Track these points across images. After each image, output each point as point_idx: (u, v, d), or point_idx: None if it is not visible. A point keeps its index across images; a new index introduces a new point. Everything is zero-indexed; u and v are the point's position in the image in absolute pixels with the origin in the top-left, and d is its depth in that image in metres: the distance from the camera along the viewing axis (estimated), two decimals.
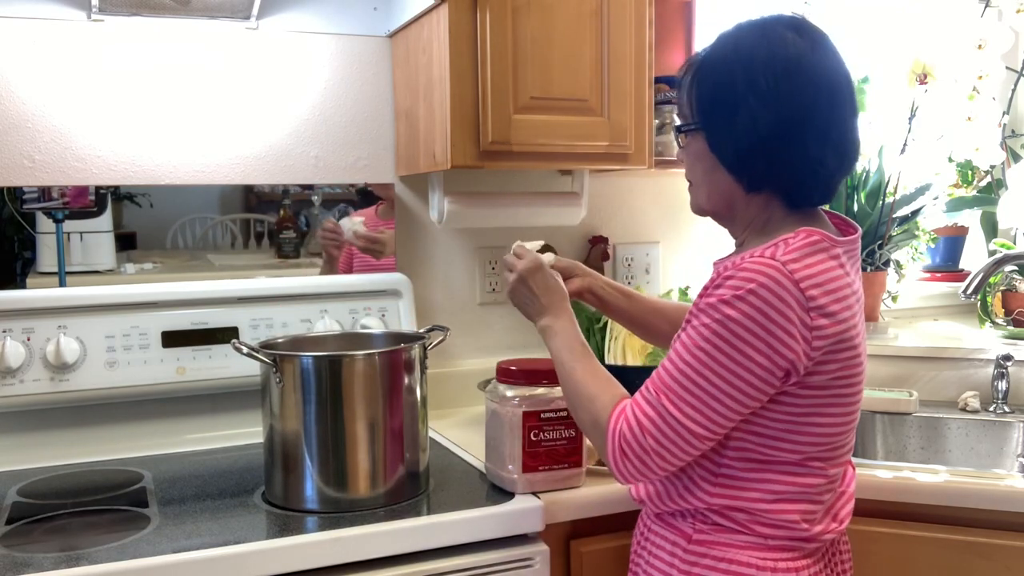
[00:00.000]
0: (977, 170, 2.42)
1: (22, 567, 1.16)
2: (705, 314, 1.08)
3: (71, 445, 1.69)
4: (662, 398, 1.10)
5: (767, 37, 1.12)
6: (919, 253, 2.29)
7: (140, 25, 1.77)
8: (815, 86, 1.11)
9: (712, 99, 1.15)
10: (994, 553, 1.45)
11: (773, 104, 1.10)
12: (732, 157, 1.15)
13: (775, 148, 1.11)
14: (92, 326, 1.67)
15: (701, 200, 1.23)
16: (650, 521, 1.26)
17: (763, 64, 1.10)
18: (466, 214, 1.92)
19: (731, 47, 1.15)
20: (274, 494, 1.41)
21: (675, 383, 1.09)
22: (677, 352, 1.11)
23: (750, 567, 1.15)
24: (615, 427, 1.13)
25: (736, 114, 1.12)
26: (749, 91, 1.10)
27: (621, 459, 1.12)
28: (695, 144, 1.19)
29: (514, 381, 1.42)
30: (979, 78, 2.21)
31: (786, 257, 1.08)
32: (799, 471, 1.14)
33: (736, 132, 1.12)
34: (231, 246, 1.89)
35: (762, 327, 1.06)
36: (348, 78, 1.95)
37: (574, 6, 1.73)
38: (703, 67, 1.17)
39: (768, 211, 1.17)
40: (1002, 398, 1.89)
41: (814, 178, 1.14)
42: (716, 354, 1.07)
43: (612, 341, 1.93)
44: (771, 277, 1.06)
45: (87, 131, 1.75)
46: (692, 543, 1.18)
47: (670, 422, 1.09)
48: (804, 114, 1.11)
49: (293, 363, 1.37)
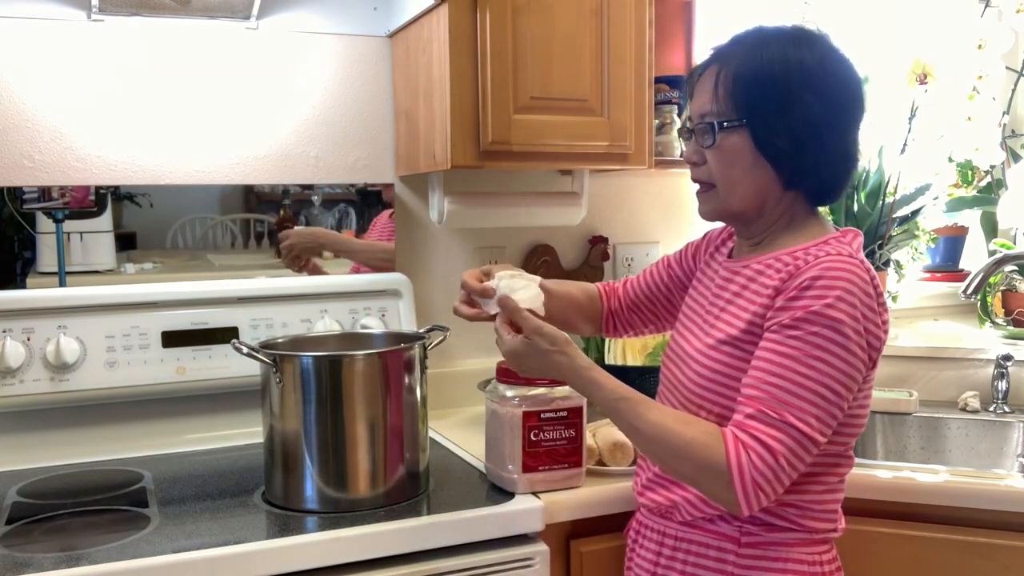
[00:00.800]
0: (977, 170, 2.42)
1: (22, 567, 1.16)
2: (811, 323, 1.06)
3: (71, 445, 1.69)
4: (788, 416, 1.05)
5: (808, 42, 1.16)
6: (919, 253, 2.29)
7: (140, 25, 1.77)
8: (856, 83, 1.18)
9: (761, 95, 1.14)
10: (994, 553, 1.45)
11: (828, 100, 1.13)
12: (779, 151, 1.15)
13: (824, 141, 1.14)
14: (92, 326, 1.67)
15: (732, 201, 1.20)
16: (676, 530, 1.23)
17: (814, 63, 1.14)
18: (466, 214, 1.92)
19: (771, 47, 1.15)
20: (274, 494, 1.41)
21: (797, 398, 1.06)
22: (785, 364, 1.07)
23: (802, 563, 1.17)
24: (739, 463, 1.04)
25: (790, 110, 1.13)
26: (804, 87, 1.13)
27: (756, 493, 1.05)
28: (735, 141, 1.16)
29: (514, 381, 1.42)
30: (979, 78, 2.21)
31: (859, 256, 1.12)
32: (842, 461, 1.19)
33: (788, 126, 1.14)
34: (231, 246, 1.89)
35: (861, 324, 1.08)
36: (348, 78, 1.95)
37: (574, 6, 1.73)
38: (743, 64, 1.16)
39: (792, 210, 1.20)
40: (1002, 398, 1.89)
41: (845, 173, 1.20)
42: (834, 360, 1.06)
43: (612, 341, 1.93)
44: (857, 275, 1.09)
45: (87, 131, 1.75)
46: (743, 546, 1.17)
47: (799, 439, 1.06)
48: (850, 110, 1.16)
49: (293, 363, 1.37)
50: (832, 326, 1.06)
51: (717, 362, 1.17)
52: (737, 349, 1.15)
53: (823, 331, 1.06)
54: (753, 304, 1.15)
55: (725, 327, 1.18)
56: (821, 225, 1.21)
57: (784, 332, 1.08)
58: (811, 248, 1.14)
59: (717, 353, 1.17)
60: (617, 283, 1.52)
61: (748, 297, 1.17)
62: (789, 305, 1.09)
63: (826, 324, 1.06)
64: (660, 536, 1.26)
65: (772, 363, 1.08)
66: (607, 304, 1.50)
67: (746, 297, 1.18)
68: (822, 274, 1.08)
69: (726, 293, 1.22)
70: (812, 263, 1.10)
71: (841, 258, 1.10)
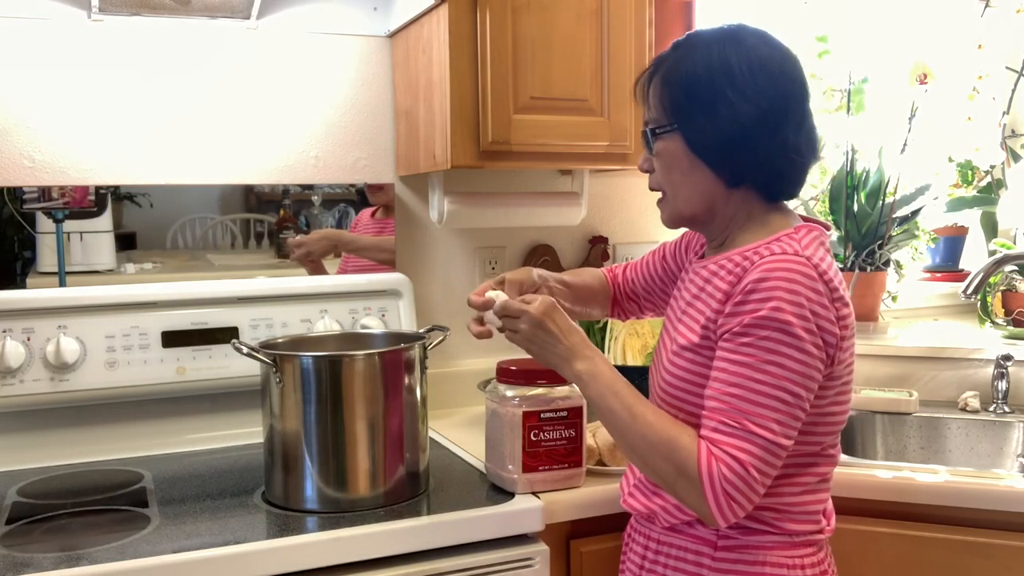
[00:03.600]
0: (977, 170, 2.42)
1: (22, 567, 1.16)
2: (761, 327, 1.06)
3: (71, 445, 1.69)
4: (749, 425, 1.05)
5: (735, 40, 1.16)
6: (919, 253, 2.29)
7: (140, 25, 1.77)
8: (789, 78, 1.16)
9: (688, 97, 1.15)
10: (994, 553, 1.45)
11: (752, 96, 1.13)
12: (714, 151, 1.15)
13: (757, 138, 1.13)
14: (92, 326, 1.67)
15: (679, 205, 1.21)
16: (659, 534, 1.24)
17: (737, 61, 1.14)
18: (466, 214, 1.92)
19: (700, 50, 1.16)
20: (274, 494, 1.41)
21: (756, 405, 1.06)
22: (740, 373, 1.07)
23: (781, 567, 1.16)
24: (711, 472, 1.05)
25: (716, 109, 1.13)
26: (727, 85, 1.13)
27: (728, 503, 1.05)
28: (670, 146, 1.18)
29: (514, 381, 1.42)
30: (979, 78, 2.21)
31: (807, 252, 1.10)
32: (819, 460, 1.18)
33: (718, 126, 1.13)
34: (231, 246, 1.89)
35: (814, 323, 1.07)
36: (348, 78, 1.95)
37: (574, 6, 1.73)
38: (673, 70, 1.17)
39: (747, 206, 1.19)
40: (1002, 398, 1.89)
41: (792, 167, 1.18)
42: (787, 362, 1.06)
43: (612, 341, 1.93)
44: (804, 273, 1.08)
45: (87, 131, 1.75)
46: (720, 550, 1.17)
47: (765, 446, 1.05)
48: (782, 104, 1.14)
49: (293, 363, 1.37)
50: (781, 328, 1.06)
51: (680, 368, 1.17)
52: (697, 355, 1.15)
53: (773, 335, 1.06)
54: (708, 308, 1.15)
55: (686, 332, 1.18)
56: (783, 219, 1.19)
57: (736, 340, 1.08)
58: (761, 246, 1.13)
59: (680, 359, 1.18)
60: (618, 268, 1.53)
61: (704, 300, 1.17)
62: (737, 311, 1.09)
63: (775, 327, 1.06)
64: (645, 540, 1.26)
65: (728, 372, 1.08)
66: (613, 289, 1.52)
67: (703, 300, 1.18)
68: (765, 276, 1.07)
69: (687, 295, 1.23)
70: (756, 264, 1.10)
71: (785, 257, 1.09)
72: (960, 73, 2.18)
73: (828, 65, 2.24)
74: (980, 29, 2.22)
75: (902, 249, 2.22)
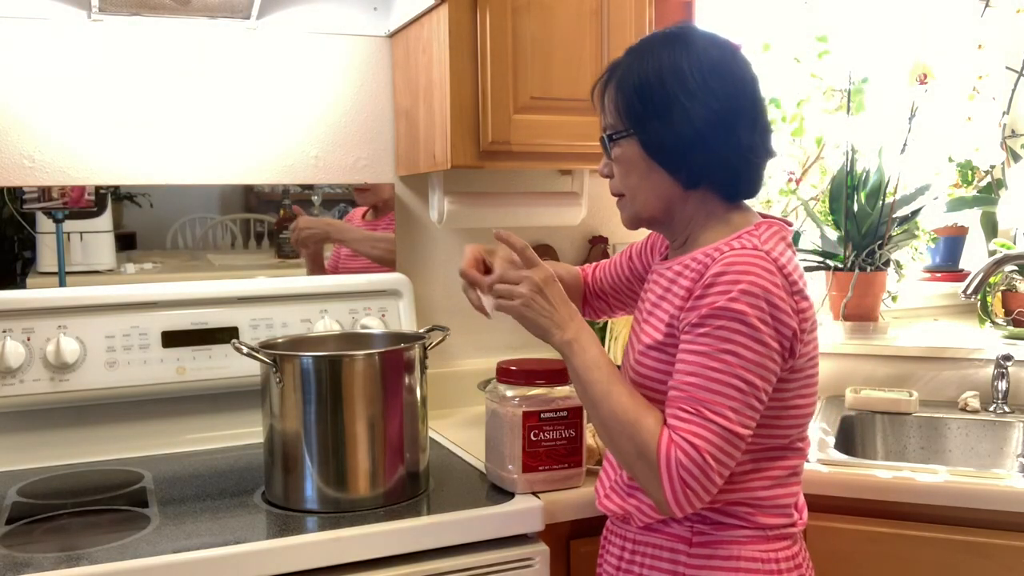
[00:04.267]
0: (977, 170, 2.42)
1: (22, 567, 1.16)
2: (717, 318, 1.08)
3: (71, 445, 1.69)
4: (705, 411, 1.06)
5: (686, 43, 1.16)
6: (919, 253, 2.29)
7: (140, 25, 1.77)
8: (741, 80, 1.17)
9: (641, 101, 1.16)
10: (994, 553, 1.45)
11: (704, 98, 1.13)
12: (669, 154, 1.16)
13: (710, 141, 1.14)
14: (92, 326, 1.67)
15: (637, 208, 1.22)
16: (634, 534, 1.24)
17: (689, 64, 1.14)
18: (466, 214, 1.92)
19: (651, 55, 1.17)
20: (274, 494, 1.41)
21: (712, 393, 1.07)
22: (697, 362, 1.08)
23: (755, 561, 1.16)
24: (669, 456, 1.06)
25: (669, 113, 1.14)
26: (679, 89, 1.14)
27: (683, 491, 1.06)
28: (627, 150, 1.19)
29: (514, 381, 1.42)
30: (979, 78, 2.21)
31: (766, 247, 1.12)
32: (788, 453, 1.19)
33: (671, 129, 1.15)
34: (231, 246, 1.89)
35: (769, 314, 1.08)
36: (348, 78, 1.95)
37: (574, 6, 1.73)
38: (626, 75, 1.18)
39: (706, 207, 1.20)
40: (1002, 398, 1.89)
41: (747, 167, 1.19)
42: (742, 351, 1.07)
43: (612, 341, 1.93)
44: (762, 267, 1.09)
45: (87, 131, 1.75)
46: (694, 546, 1.18)
47: (720, 433, 1.06)
48: (734, 105, 1.15)
49: (293, 363, 1.37)
50: (736, 318, 1.07)
51: (647, 367, 1.19)
52: (662, 353, 1.17)
53: (728, 323, 1.07)
54: (672, 307, 1.16)
55: (652, 331, 1.19)
56: (744, 217, 1.20)
57: (694, 332, 1.10)
58: (722, 244, 1.14)
59: (647, 359, 1.19)
60: (590, 267, 1.55)
61: (669, 300, 1.18)
62: (696, 304, 1.10)
63: (731, 317, 1.07)
64: (622, 540, 1.26)
65: (686, 363, 1.10)
66: (584, 288, 1.53)
67: (667, 300, 1.19)
68: (724, 270, 1.09)
69: (653, 296, 1.24)
70: (716, 260, 1.11)
71: (744, 252, 1.10)
72: (960, 73, 2.18)
73: (828, 65, 2.25)
74: (980, 29, 2.22)
75: (902, 249, 2.22)
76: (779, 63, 2.27)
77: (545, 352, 2.14)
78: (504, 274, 1.23)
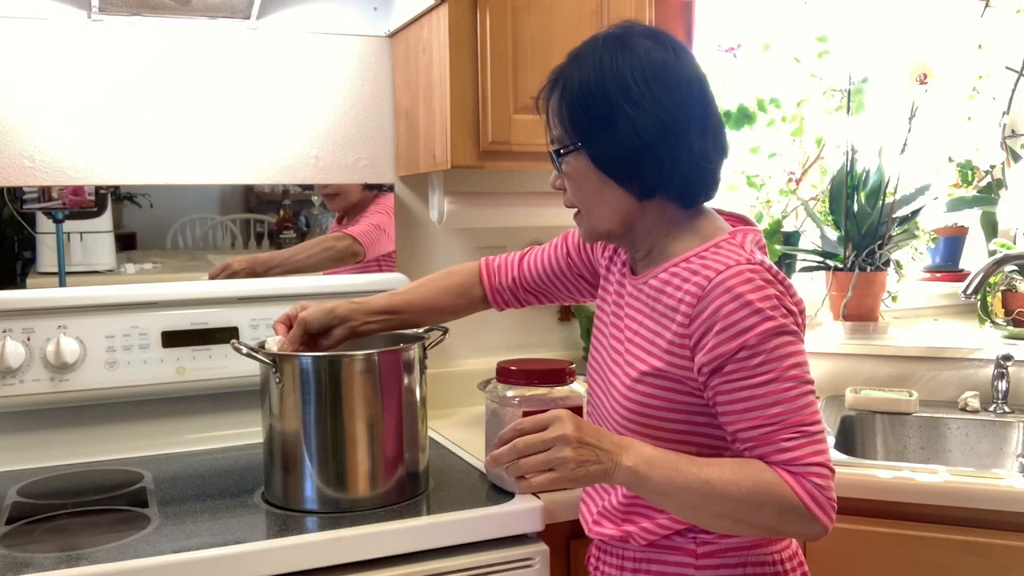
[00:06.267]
0: (977, 170, 2.42)
1: (22, 567, 1.16)
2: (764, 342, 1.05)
3: (71, 445, 1.69)
4: (806, 430, 1.05)
5: (627, 47, 1.12)
6: (919, 253, 2.29)
7: (140, 25, 1.77)
8: (687, 83, 1.13)
9: (586, 114, 1.12)
10: (993, 553, 1.45)
11: (650, 107, 1.09)
12: (619, 167, 1.13)
13: (661, 150, 1.11)
14: (92, 326, 1.67)
15: (594, 222, 1.19)
16: (634, 552, 1.21)
17: (631, 71, 1.10)
18: (466, 214, 1.92)
19: (592, 62, 1.12)
20: (273, 494, 1.41)
21: (799, 411, 1.05)
22: (773, 391, 1.05)
23: (763, 564, 1.16)
24: (809, 492, 1.03)
25: (615, 124, 1.10)
26: (623, 99, 1.10)
27: (830, 506, 1.04)
28: (577, 164, 1.15)
29: (514, 381, 1.42)
30: (979, 78, 2.21)
31: (756, 259, 1.10)
32: None
33: (619, 141, 1.11)
34: (231, 246, 1.89)
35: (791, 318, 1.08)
36: (348, 78, 1.95)
37: (574, 6, 1.73)
38: (569, 86, 1.14)
39: (665, 216, 1.17)
40: (1002, 398, 1.89)
41: (701, 173, 1.15)
42: (798, 358, 1.07)
43: None
44: (765, 279, 1.07)
45: (87, 131, 1.75)
46: (701, 557, 1.16)
47: (821, 437, 1.06)
48: (682, 112, 1.11)
49: (292, 363, 1.37)
50: (778, 332, 1.05)
51: (644, 395, 1.14)
52: (661, 379, 1.13)
53: (776, 340, 1.05)
54: (667, 331, 1.12)
55: (646, 357, 1.15)
56: (709, 222, 1.18)
57: (748, 365, 1.05)
58: (705, 258, 1.11)
59: (643, 386, 1.14)
60: (504, 259, 1.50)
61: (658, 321, 1.14)
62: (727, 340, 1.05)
63: (775, 334, 1.05)
64: (620, 560, 1.23)
65: (758, 397, 1.05)
66: (490, 281, 1.49)
67: (656, 321, 1.14)
68: (737, 295, 1.05)
69: (636, 314, 1.19)
70: (714, 283, 1.07)
71: (740, 269, 1.07)
72: (960, 73, 2.18)
73: (828, 65, 2.25)
74: (980, 29, 2.22)
75: (902, 249, 2.22)
76: (779, 63, 2.27)
77: (545, 352, 2.15)
78: (526, 443, 1.06)
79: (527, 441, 1.05)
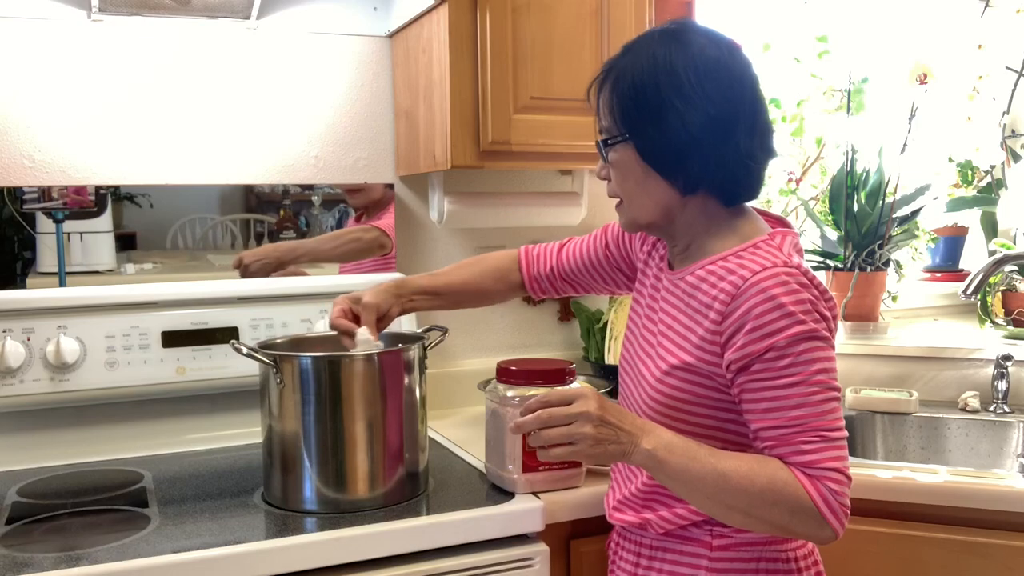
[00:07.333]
0: (977, 170, 2.42)
1: (22, 567, 1.16)
2: (793, 345, 1.05)
3: (71, 445, 1.69)
4: (827, 435, 1.06)
5: (682, 42, 1.13)
6: (919, 253, 2.29)
7: (140, 25, 1.77)
8: (739, 82, 1.14)
9: (636, 106, 1.13)
10: (993, 553, 1.45)
11: (700, 103, 1.10)
12: (665, 161, 1.14)
13: (707, 146, 1.12)
14: (92, 326, 1.67)
15: (636, 213, 1.20)
16: (651, 540, 1.23)
17: (684, 66, 1.11)
18: (466, 214, 1.92)
19: (646, 55, 1.13)
20: (273, 494, 1.41)
21: (822, 416, 1.06)
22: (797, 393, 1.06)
23: (776, 561, 1.17)
24: (822, 495, 1.04)
25: (664, 118, 1.11)
26: (674, 93, 1.11)
27: (843, 512, 1.06)
28: (623, 155, 1.17)
29: (514, 381, 1.42)
30: (979, 78, 2.21)
31: (793, 262, 1.10)
32: None
33: (666, 135, 1.12)
34: (231, 246, 1.89)
35: (823, 324, 1.08)
36: (348, 78, 1.95)
37: (574, 6, 1.73)
38: (621, 77, 1.15)
39: (706, 212, 1.18)
40: (1002, 398, 1.89)
41: (746, 172, 1.16)
42: (826, 364, 1.07)
43: (612, 341, 1.93)
44: (800, 282, 1.08)
45: (87, 131, 1.75)
46: (715, 549, 1.17)
47: (841, 444, 1.07)
48: (731, 109, 1.12)
49: (293, 363, 1.37)
50: (810, 337, 1.06)
51: (673, 387, 1.16)
52: (692, 374, 1.14)
53: (806, 345, 1.06)
54: (699, 327, 1.13)
55: (677, 351, 1.16)
56: (749, 222, 1.19)
57: (776, 366, 1.06)
58: (743, 257, 1.12)
59: (672, 379, 1.16)
60: (543, 248, 1.52)
61: (691, 316, 1.15)
62: (757, 339, 1.07)
63: (805, 338, 1.06)
64: (637, 547, 1.26)
65: (783, 397, 1.07)
66: (528, 268, 1.51)
67: (689, 316, 1.15)
68: (771, 295, 1.06)
69: (671, 308, 1.20)
70: (749, 283, 1.08)
71: (776, 271, 1.08)
72: (960, 73, 2.18)
73: (828, 65, 2.25)
74: (980, 29, 2.22)
75: (902, 249, 2.22)
76: (779, 63, 2.27)
77: (545, 352, 2.15)
78: (549, 414, 1.09)
79: (551, 412, 1.08)
